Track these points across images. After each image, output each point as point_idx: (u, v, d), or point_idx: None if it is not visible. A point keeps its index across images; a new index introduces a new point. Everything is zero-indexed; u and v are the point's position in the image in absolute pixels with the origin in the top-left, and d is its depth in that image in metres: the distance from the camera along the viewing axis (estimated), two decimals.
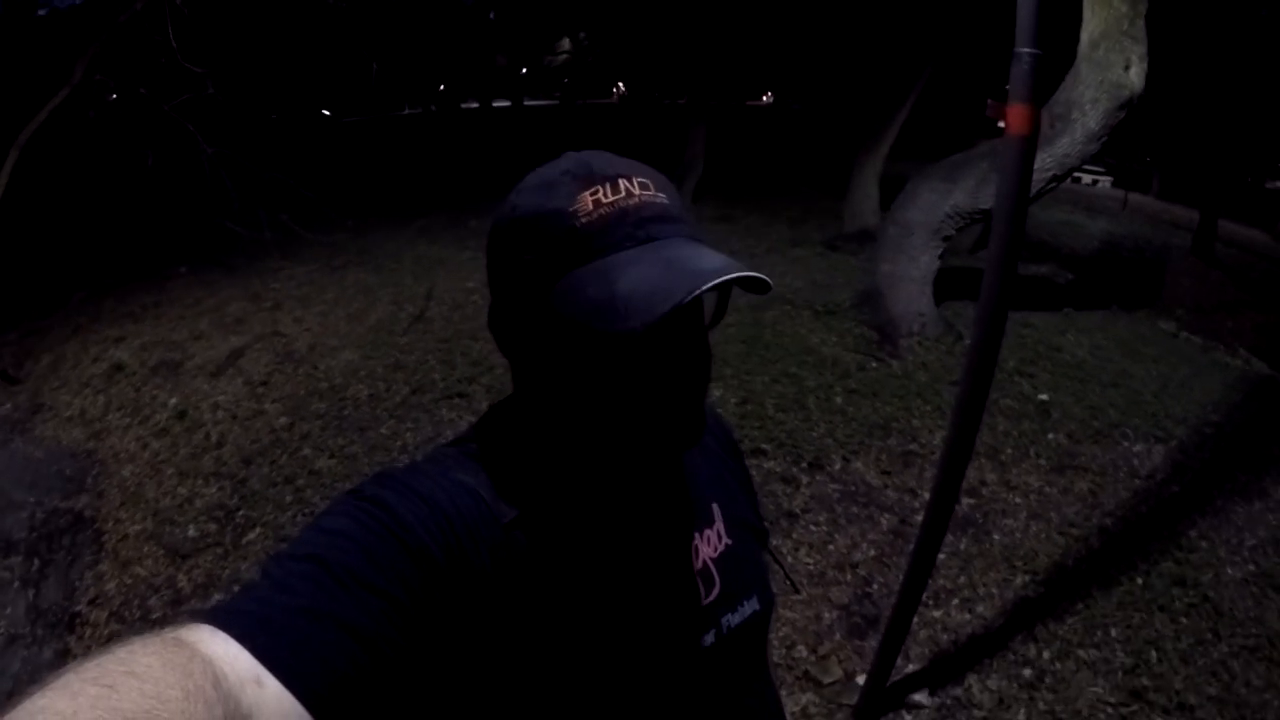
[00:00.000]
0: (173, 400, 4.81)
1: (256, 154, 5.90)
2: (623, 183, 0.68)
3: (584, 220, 0.66)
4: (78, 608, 3.33)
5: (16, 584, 3.42)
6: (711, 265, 0.64)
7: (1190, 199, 19.94)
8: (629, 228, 0.66)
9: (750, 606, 0.86)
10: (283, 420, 4.49)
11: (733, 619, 0.83)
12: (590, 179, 0.68)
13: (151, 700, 0.44)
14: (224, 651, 0.52)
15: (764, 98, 37.57)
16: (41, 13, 12.14)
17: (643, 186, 0.69)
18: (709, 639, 0.80)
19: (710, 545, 0.84)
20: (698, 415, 0.74)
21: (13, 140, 5.33)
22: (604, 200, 0.67)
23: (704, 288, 0.61)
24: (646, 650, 0.75)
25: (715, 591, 0.82)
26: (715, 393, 4.43)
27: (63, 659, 3.08)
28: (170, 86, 5.43)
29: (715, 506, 0.88)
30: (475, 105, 28.02)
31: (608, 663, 0.72)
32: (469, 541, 0.67)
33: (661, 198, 0.70)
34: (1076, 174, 7.33)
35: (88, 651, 3.05)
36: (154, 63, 5.37)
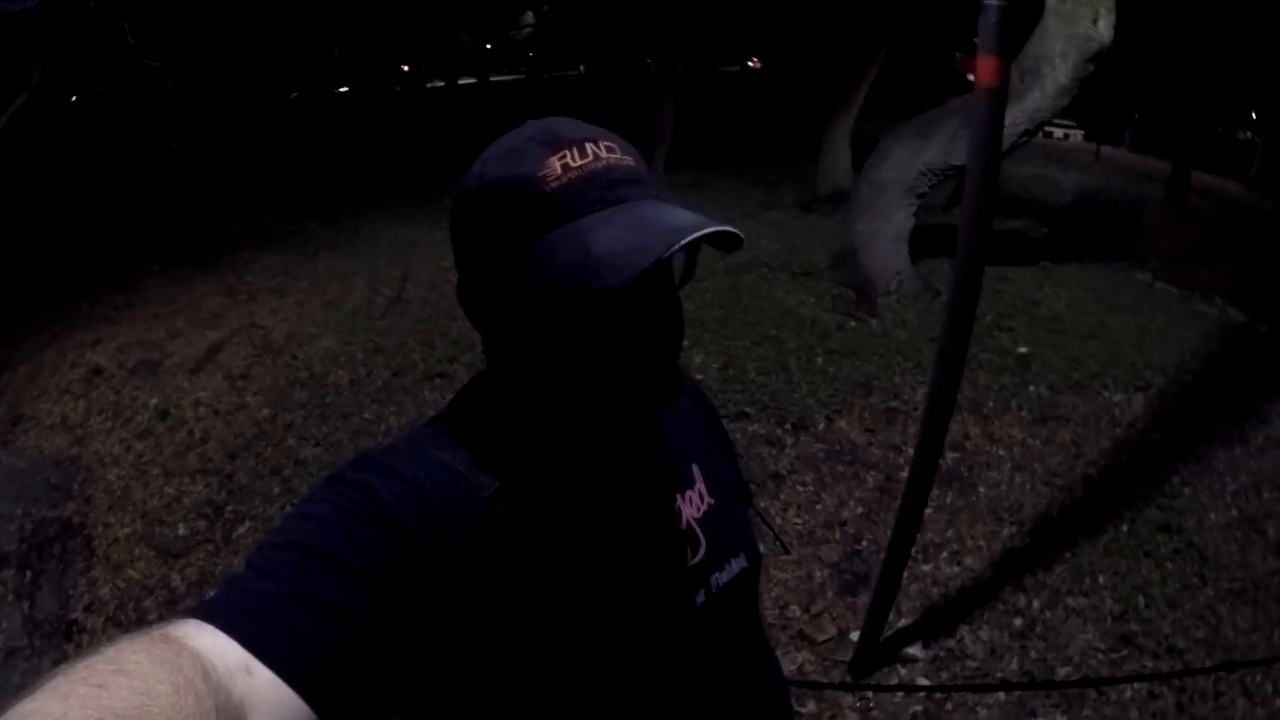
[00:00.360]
0: (153, 400, 4.76)
1: (222, 146, 5.80)
2: (589, 146, 0.68)
3: (554, 185, 0.66)
4: (73, 615, 3.31)
5: (10, 597, 3.39)
6: (684, 222, 0.64)
7: (1162, 150, 20.04)
8: (599, 190, 0.66)
9: (738, 564, 0.87)
10: (265, 412, 4.46)
11: (721, 578, 0.84)
12: (557, 144, 0.68)
13: (141, 696, 0.44)
14: (212, 644, 0.52)
15: (750, 62, 36.48)
16: None
17: (609, 150, 0.69)
18: (699, 599, 0.81)
19: (693, 506, 0.85)
20: (673, 373, 0.75)
21: None
22: (572, 164, 0.67)
23: (682, 243, 0.61)
24: (637, 612, 0.76)
25: (701, 551, 0.83)
26: (696, 358, 4.44)
27: None
28: (130, 83, 5.32)
29: (695, 468, 0.88)
30: (441, 84, 27.62)
31: (599, 627, 0.73)
32: (450, 518, 0.67)
33: (628, 160, 0.70)
34: (1048, 128, 7.36)
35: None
36: (112, 61, 5.25)
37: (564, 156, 0.67)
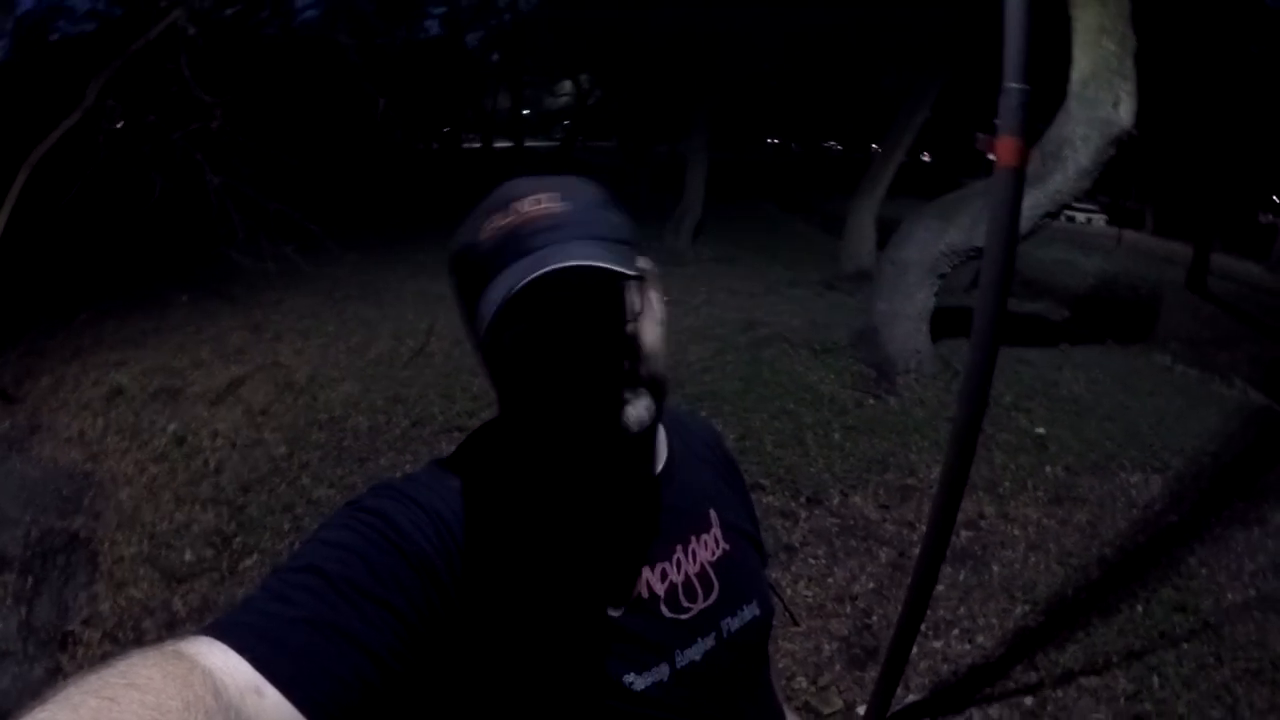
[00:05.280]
0: (172, 426, 4.80)
1: (261, 185, 5.94)
2: (514, 205, 0.71)
3: (484, 248, 0.70)
4: (71, 627, 3.30)
5: (9, 600, 3.40)
6: (541, 267, 0.64)
7: (1184, 234, 20.10)
8: (514, 245, 0.68)
9: (750, 611, 0.87)
10: (282, 449, 4.48)
11: (733, 623, 0.84)
12: (492, 209, 0.72)
13: (152, 711, 0.45)
14: (223, 662, 0.53)
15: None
16: (54, 38, 12.33)
17: (535, 203, 0.71)
18: (709, 643, 0.80)
19: (708, 550, 0.85)
20: (607, 415, 0.72)
21: (23, 160, 5.36)
22: (497, 225, 0.70)
23: (518, 287, 0.63)
24: (613, 668, 0.74)
25: (714, 595, 0.83)
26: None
27: (54, 677, 3.05)
28: (180, 115, 5.48)
29: (712, 512, 0.89)
30: (477, 145, 28.28)
31: (571, 682, 0.72)
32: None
33: (554, 208, 0.71)
34: (1069, 212, 7.40)
35: (80, 671, 3.01)
36: (165, 91, 5.42)
37: (493, 220, 0.71)
